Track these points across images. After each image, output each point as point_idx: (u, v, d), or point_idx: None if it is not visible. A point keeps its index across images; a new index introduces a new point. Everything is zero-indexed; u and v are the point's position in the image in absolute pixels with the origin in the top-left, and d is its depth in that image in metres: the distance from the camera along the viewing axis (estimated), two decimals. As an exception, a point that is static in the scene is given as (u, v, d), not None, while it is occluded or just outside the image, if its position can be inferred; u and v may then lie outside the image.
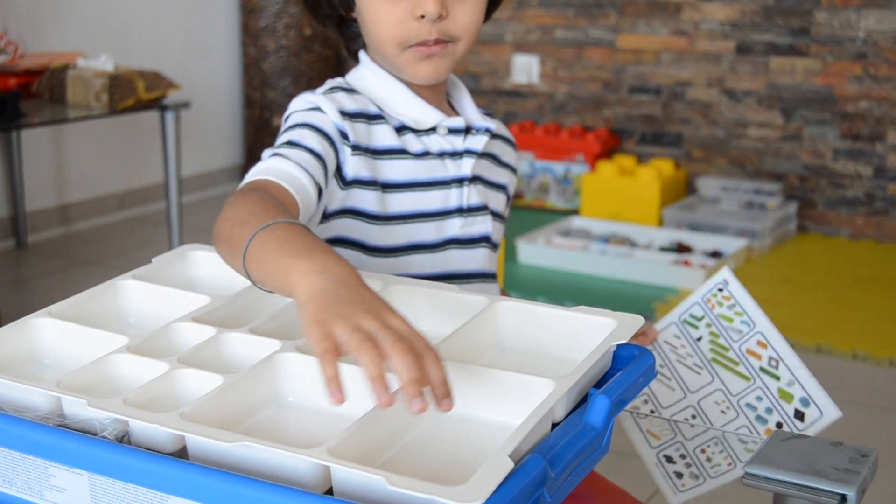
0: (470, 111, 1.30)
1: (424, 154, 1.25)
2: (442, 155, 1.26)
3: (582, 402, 0.85)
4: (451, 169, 1.26)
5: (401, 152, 1.23)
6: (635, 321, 0.91)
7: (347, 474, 0.70)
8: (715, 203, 4.08)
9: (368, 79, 1.26)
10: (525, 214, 4.22)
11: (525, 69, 4.52)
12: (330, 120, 1.18)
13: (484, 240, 1.28)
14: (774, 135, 4.11)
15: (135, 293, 1.04)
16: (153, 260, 1.11)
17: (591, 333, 0.90)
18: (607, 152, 4.32)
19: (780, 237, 3.93)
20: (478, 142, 1.27)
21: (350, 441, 0.73)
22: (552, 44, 4.46)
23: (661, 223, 3.98)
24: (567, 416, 0.82)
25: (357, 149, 1.19)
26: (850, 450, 0.90)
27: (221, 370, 0.85)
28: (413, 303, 1.00)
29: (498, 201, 1.32)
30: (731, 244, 3.69)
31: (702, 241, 3.74)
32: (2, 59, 3.37)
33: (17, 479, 0.80)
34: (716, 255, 3.63)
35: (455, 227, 1.26)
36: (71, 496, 0.77)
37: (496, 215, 1.31)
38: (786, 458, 0.88)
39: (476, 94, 4.62)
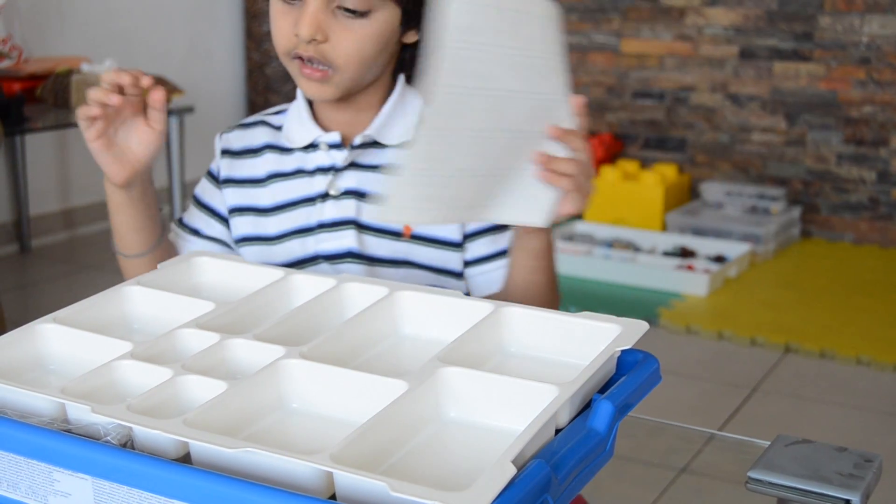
0: (378, 123, 1.27)
1: (297, 173, 1.29)
2: (315, 172, 1.29)
3: (586, 408, 0.85)
4: (318, 185, 1.28)
5: (277, 176, 1.31)
6: (639, 327, 0.91)
7: (350, 480, 0.70)
8: (718, 208, 4.08)
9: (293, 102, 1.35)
10: (528, 219, 4.22)
11: (528, 74, 4.53)
12: (216, 163, 1.36)
13: (349, 255, 1.26)
14: (778, 140, 4.11)
15: (140, 299, 1.04)
16: (158, 266, 1.11)
17: (595, 339, 0.90)
18: (611, 157, 4.32)
19: (784, 242, 3.93)
20: (351, 155, 1.27)
21: (353, 447, 0.73)
22: (556, 48, 4.47)
23: (664, 228, 3.98)
24: (570, 421, 0.82)
25: (229, 182, 1.33)
26: (854, 455, 0.90)
27: (225, 376, 0.85)
28: (418, 308, 1.00)
29: None
30: (734, 249, 3.69)
31: (705, 246, 3.74)
32: (6, 64, 3.38)
33: (21, 483, 0.80)
34: (719, 259, 3.62)
35: (316, 243, 1.27)
36: (75, 501, 0.77)
37: (371, 228, 1.27)
38: (790, 463, 0.88)
39: (479, 98, 4.62)
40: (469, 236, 1.29)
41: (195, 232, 1.34)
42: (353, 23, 1.18)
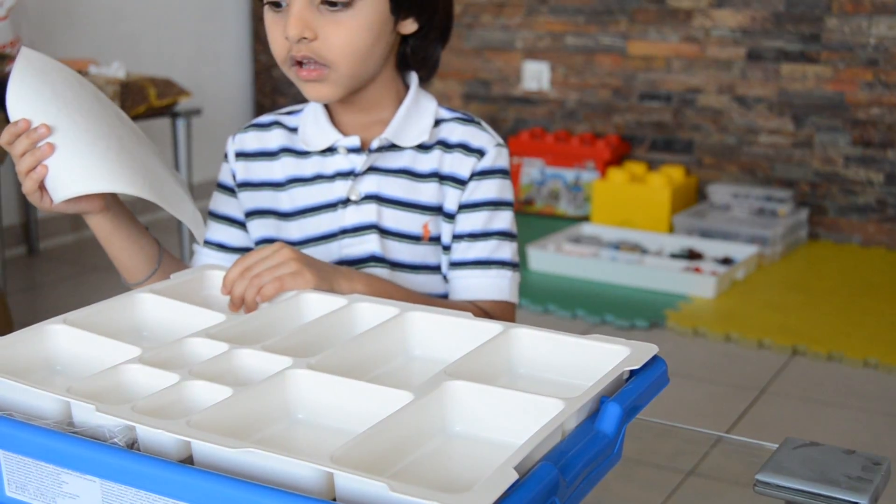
0: (395, 126, 1.27)
1: (316, 178, 1.29)
2: (334, 176, 1.28)
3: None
4: (338, 190, 1.28)
5: (296, 181, 1.30)
6: (648, 350, 0.91)
7: (350, 481, 0.69)
8: (726, 210, 4.07)
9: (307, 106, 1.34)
10: (535, 221, 4.22)
11: (536, 76, 4.53)
12: (228, 168, 1.34)
13: (371, 259, 1.27)
14: (785, 141, 4.10)
15: (151, 307, 1.05)
16: (172, 276, 1.12)
17: (604, 361, 0.90)
18: (618, 159, 4.32)
19: (792, 244, 3.93)
20: (370, 159, 1.27)
21: (354, 451, 0.73)
22: (563, 51, 4.46)
23: (671, 230, 3.98)
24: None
25: (245, 185, 1.33)
26: (862, 458, 0.90)
27: (232, 384, 0.85)
28: (428, 329, 0.99)
29: (409, 220, 1.28)
30: (741, 251, 3.68)
31: (713, 248, 3.73)
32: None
33: (29, 485, 0.80)
34: (727, 261, 3.62)
35: (340, 248, 1.27)
36: (83, 503, 0.78)
37: (392, 233, 1.27)
38: (798, 465, 0.88)
39: (486, 101, 4.63)
40: (456, 237, 1.29)
41: (221, 246, 1.33)
42: (340, 15, 1.18)
